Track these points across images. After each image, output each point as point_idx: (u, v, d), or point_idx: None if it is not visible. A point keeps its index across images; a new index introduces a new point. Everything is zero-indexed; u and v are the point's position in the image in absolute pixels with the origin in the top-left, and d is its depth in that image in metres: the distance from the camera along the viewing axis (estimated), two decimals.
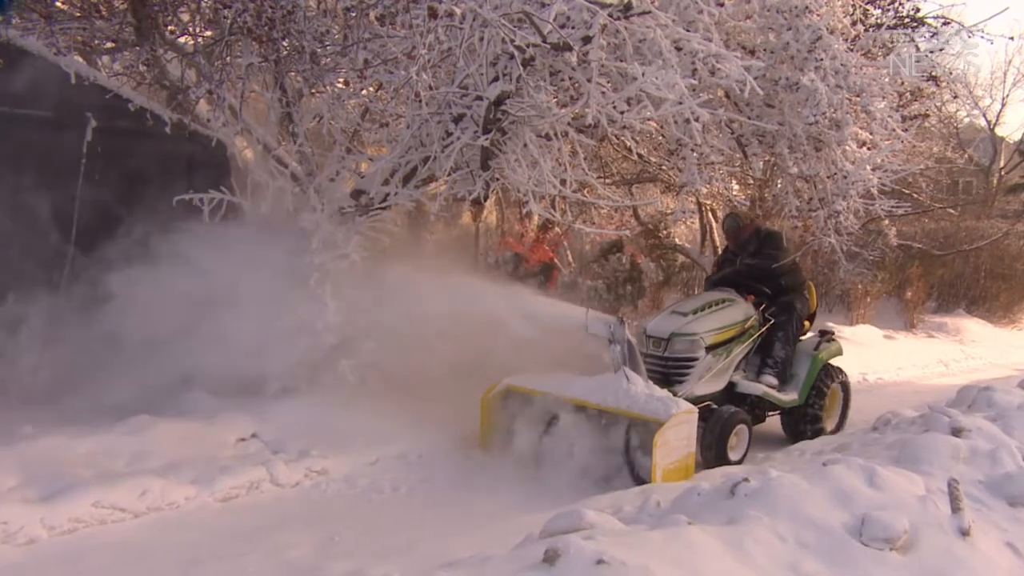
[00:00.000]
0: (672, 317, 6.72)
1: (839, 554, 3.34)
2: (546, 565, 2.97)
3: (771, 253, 7.28)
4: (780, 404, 7.08)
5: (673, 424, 5.57)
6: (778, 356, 7.08)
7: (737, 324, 6.83)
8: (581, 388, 6.02)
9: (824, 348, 7.48)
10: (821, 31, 6.56)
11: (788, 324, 7.15)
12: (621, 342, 6.03)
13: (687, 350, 6.49)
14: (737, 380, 6.83)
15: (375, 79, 6.38)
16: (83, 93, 6.76)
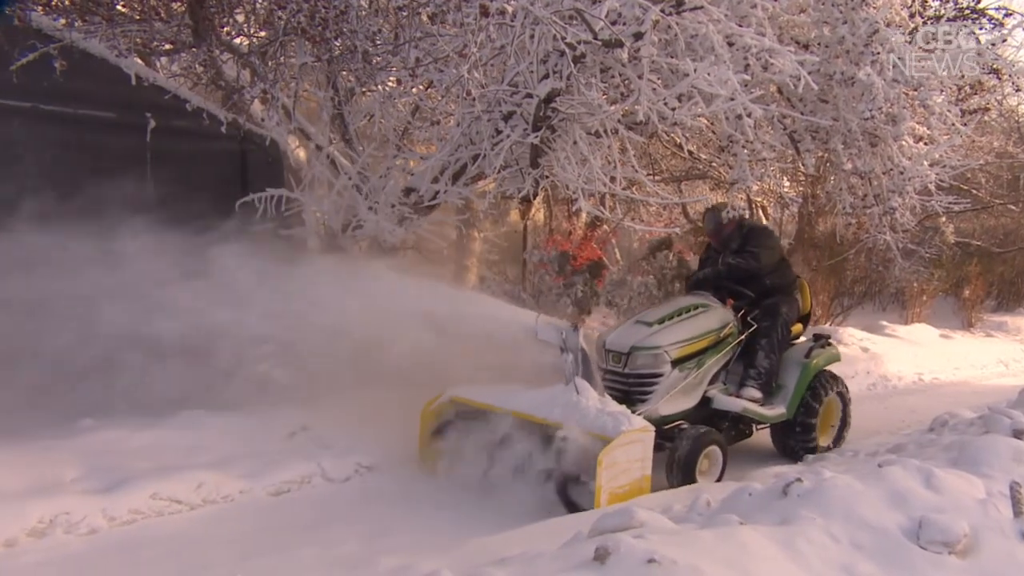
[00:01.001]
0: (635, 328, 6.02)
1: (895, 557, 3.27)
2: (596, 563, 2.97)
3: (754, 251, 6.52)
4: (764, 420, 6.35)
5: (623, 443, 4.95)
6: (761, 366, 6.30)
7: (711, 333, 6.11)
8: (528, 401, 5.40)
9: (817, 355, 6.69)
10: (878, 24, 6.43)
11: (772, 330, 6.37)
12: (574, 351, 5.44)
13: (649, 365, 5.80)
14: (713, 395, 6.13)
15: (426, 77, 6.43)
16: (143, 94, 6.94)
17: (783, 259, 6.91)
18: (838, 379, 6.90)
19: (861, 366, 10.66)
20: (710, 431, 5.71)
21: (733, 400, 6.11)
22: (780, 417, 6.37)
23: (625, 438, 4.97)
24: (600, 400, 5.27)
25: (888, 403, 9.43)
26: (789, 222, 15.57)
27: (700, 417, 6.00)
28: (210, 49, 6.72)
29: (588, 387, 5.34)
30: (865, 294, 16.01)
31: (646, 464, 5.15)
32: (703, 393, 6.07)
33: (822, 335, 6.93)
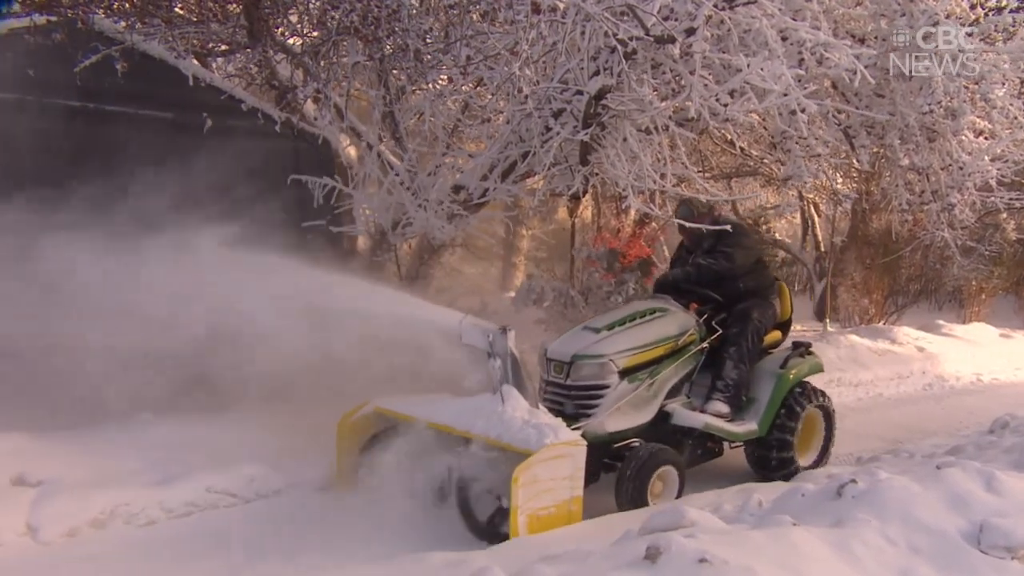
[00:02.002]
0: (580, 335, 5.49)
1: (955, 561, 3.21)
2: (647, 562, 2.96)
3: (727, 251, 5.92)
4: (731, 437, 5.73)
5: (546, 457, 4.37)
6: (729, 377, 5.71)
7: (667, 340, 5.52)
8: (451, 411, 4.88)
9: (794, 365, 6.02)
10: (938, 16, 6.28)
11: (741, 337, 5.76)
12: (502, 356, 4.88)
13: (593, 376, 5.24)
14: (673, 409, 5.53)
15: (476, 75, 6.46)
16: (199, 94, 7.09)
17: (760, 260, 6.37)
18: (820, 392, 6.24)
19: (916, 366, 10.47)
20: (664, 449, 5.13)
21: (694, 415, 5.52)
22: (751, 434, 5.76)
23: (548, 452, 4.37)
24: (529, 411, 4.71)
25: (945, 404, 9.24)
26: (842, 219, 15.31)
27: (658, 434, 5.43)
28: (264, 50, 6.85)
29: (516, 396, 4.77)
30: (921, 292, 15.69)
31: (576, 484, 4.52)
32: (660, 407, 5.49)
33: (802, 343, 6.28)
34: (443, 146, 7.13)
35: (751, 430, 5.75)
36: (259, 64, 7.04)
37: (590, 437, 4.90)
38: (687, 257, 6.26)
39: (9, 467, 4.98)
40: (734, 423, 5.70)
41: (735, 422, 5.72)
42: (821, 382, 9.17)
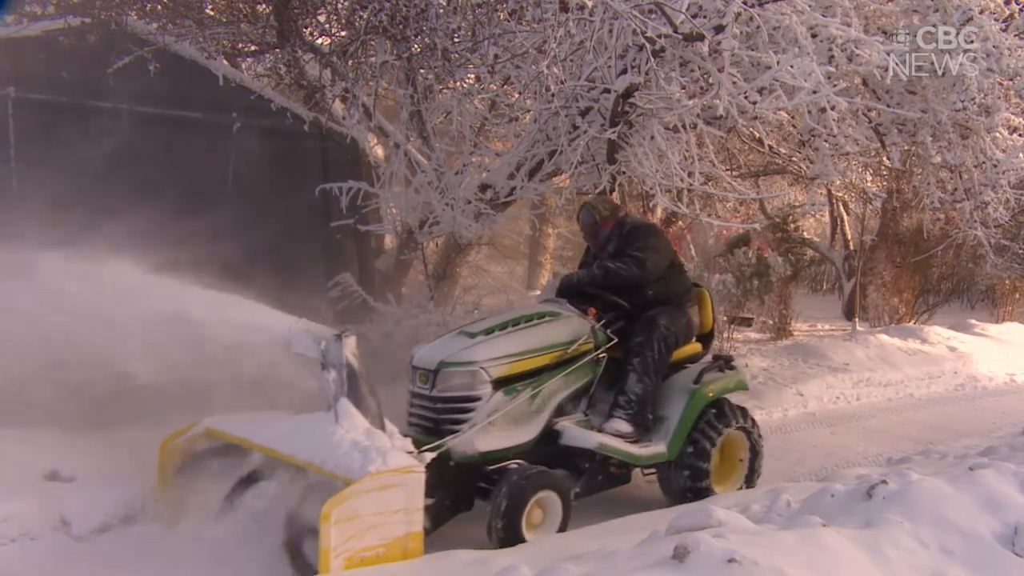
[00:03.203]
0: (453, 340, 4.85)
1: (989, 565, 3.16)
2: (675, 562, 2.95)
3: (636, 255, 5.24)
4: (631, 460, 5.00)
5: (369, 488, 3.68)
6: (632, 392, 5.04)
7: (555, 348, 4.86)
8: (280, 432, 4.21)
9: (710, 380, 5.32)
10: (972, 12, 6.20)
11: (646, 348, 5.08)
12: (337, 366, 4.17)
13: (462, 386, 4.59)
14: (563, 427, 4.87)
15: (503, 74, 6.48)
16: (229, 94, 7.17)
17: (675, 264, 5.63)
18: (743, 412, 5.52)
19: (948, 366, 10.35)
20: (543, 472, 4.46)
21: (587, 434, 4.86)
22: (657, 457, 5.07)
23: (372, 482, 3.69)
24: (367, 431, 4.04)
25: (977, 404, 9.12)
26: (872, 217, 15.16)
27: (546, 455, 4.80)
28: (293, 50, 6.91)
29: (353, 414, 4.09)
30: (952, 291, 15.51)
31: (414, 517, 3.86)
32: (547, 424, 4.84)
33: (723, 357, 5.63)
34: (470, 145, 7.16)
35: (657, 453, 5.06)
36: (288, 64, 7.10)
37: (458, 457, 4.41)
38: (592, 261, 5.62)
39: None
40: (638, 444, 5.00)
41: (639, 443, 5.02)
42: (847, 384, 9.25)
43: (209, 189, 7.33)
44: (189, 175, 7.07)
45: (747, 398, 8.30)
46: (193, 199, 7.11)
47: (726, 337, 9.87)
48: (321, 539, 3.55)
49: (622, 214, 5.54)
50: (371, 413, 4.15)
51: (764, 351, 10.11)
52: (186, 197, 7.03)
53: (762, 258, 10.43)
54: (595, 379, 5.09)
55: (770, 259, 10.52)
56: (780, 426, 7.75)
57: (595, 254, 5.59)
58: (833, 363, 9.61)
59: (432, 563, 3.86)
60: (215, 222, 7.30)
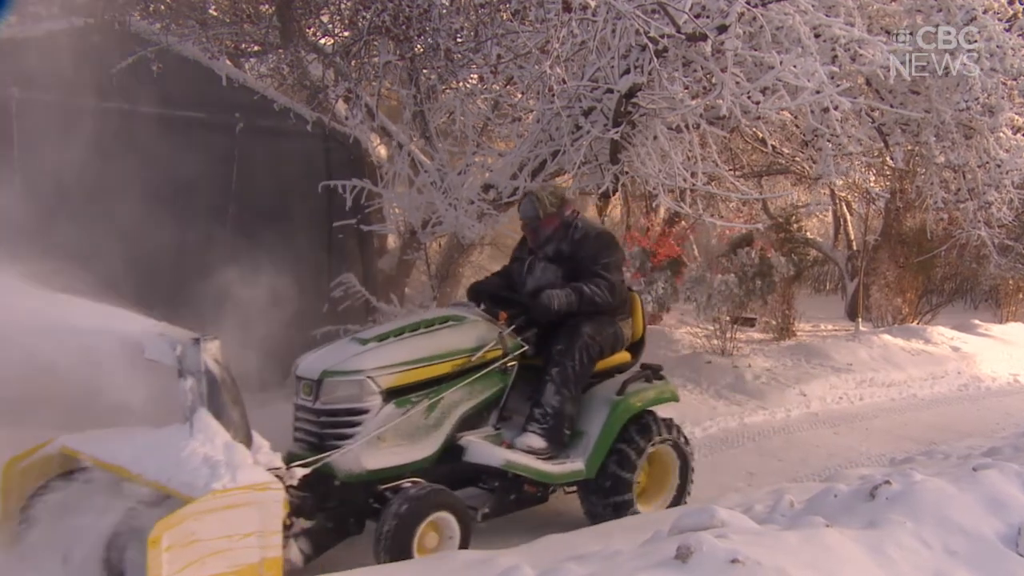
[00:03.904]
0: (343, 347, 4.45)
1: (992, 565, 3.16)
2: (678, 562, 2.95)
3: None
4: (544, 479, 4.59)
5: (210, 508, 3.20)
6: (548, 405, 4.63)
7: (456, 355, 4.46)
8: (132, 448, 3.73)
9: (635, 391, 4.94)
10: (975, 11, 6.19)
11: (567, 357, 4.67)
12: (195, 373, 3.72)
13: (347, 397, 4.20)
14: (467, 442, 4.47)
15: (506, 74, 6.48)
16: (232, 95, 7.18)
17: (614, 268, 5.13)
18: (671, 425, 5.14)
19: (951, 366, 10.35)
20: (438, 491, 4.09)
21: (492, 450, 4.47)
22: (574, 475, 4.68)
23: (214, 501, 3.21)
24: (226, 445, 3.58)
25: (981, 405, 9.12)
26: (875, 217, 15.15)
27: (451, 472, 4.48)
28: (296, 50, 6.92)
29: (211, 425, 3.66)
30: (956, 292, 15.49)
31: (269, 541, 3.41)
32: (449, 439, 4.45)
33: (651, 366, 5.24)
34: (473, 145, 7.16)
35: (574, 471, 4.66)
36: (291, 64, 7.11)
37: (343, 475, 4.08)
38: (526, 259, 5.13)
39: None
40: (552, 461, 4.62)
41: (555, 460, 4.64)
42: (850, 384, 9.24)
43: (211, 189, 7.33)
44: (191, 175, 7.07)
45: (750, 399, 8.35)
46: (195, 199, 7.12)
47: (729, 337, 9.86)
48: (149, 568, 3.00)
49: (569, 212, 5.05)
50: (234, 425, 3.71)
51: (767, 351, 10.11)
52: (187, 197, 7.04)
53: (765, 258, 10.41)
54: (506, 389, 4.68)
55: (773, 259, 10.49)
56: (783, 426, 7.75)
57: (532, 247, 5.11)
58: (836, 363, 9.62)
59: (433, 563, 3.87)
60: (217, 222, 7.32)
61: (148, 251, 6.76)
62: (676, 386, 5.33)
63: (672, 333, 11.09)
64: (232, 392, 3.79)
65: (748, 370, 9.01)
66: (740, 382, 8.71)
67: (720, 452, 6.82)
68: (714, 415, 7.72)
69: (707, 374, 8.88)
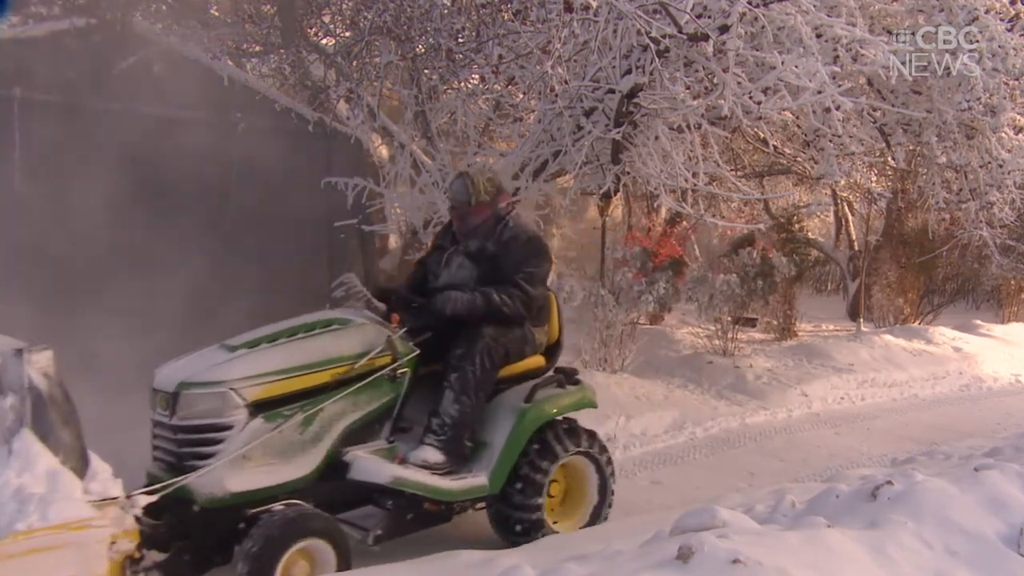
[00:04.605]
0: (208, 354, 3.96)
1: (994, 565, 3.15)
2: (679, 562, 2.94)
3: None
4: (440, 496, 4.12)
5: (10, 553, 2.77)
6: (446, 415, 4.17)
7: (338, 362, 3.99)
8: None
9: (545, 398, 4.46)
10: (977, 11, 6.19)
11: (466, 362, 4.21)
12: (16, 390, 3.26)
13: (206, 412, 3.72)
14: (354, 458, 3.99)
15: (508, 74, 6.48)
16: (233, 95, 7.19)
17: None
18: (588, 434, 4.66)
19: (953, 366, 10.34)
20: (309, 515, 3.67)
21: (379, 467, 4.00)
22: (476, 491, 4.23)
23: (14, 546, 2.77)
24: (49, 472, 3.11)
25: (982, 405, 9.10)
26: (876, 217, 15.15)
27: (335, 492, 4.09)
28: (298, 50, 6.93)
29: (35, 449, 3.17)
30: (957, 292, 15.48)
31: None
32: (331, 455, 3.96)
33: (565, 370, 4.77)
34: (474, 145, 7.16)
35: (476, 486, 4.21)
36: (292, 64, 7.12)
37: (203, 500, 3.61)
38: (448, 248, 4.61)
39: None
40: (452, 476, 4.17)
41: (454, 475, 4.19)
42: (851, 384, 9.24)
43: (213, 189, 7.35)
44: (192, 175, 7.08)
45: (751, 399, 8.34)
46: (196, 200, 7.13)
47: (730, 337, 9.86)
48: None
49: (503, 205, 4.55)
50: (64, 448, 3.23)
51: (768, 351, 10.11)
52: (189, 198, 7.05)
53: (766, 258, 10.41)
54: (398, 399, 4.21)
55: (774, 259, 10.49)
56: (784, 427, 7.74)
57: (457, 235, 4.61)
58: (837, 363, 9.61)
59: (434, 563, 3.86)
60: (219, 222, 7.33)
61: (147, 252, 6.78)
62: (594, 391, 4.79)
63: (673, 333, 11.10)
64: (63, 410, 3.28)
65: (749, 370, 9.01)
66: (741, 382, 8.71)
67: (721, 452, 6.82)
68: (715, 415, 7.71)
69: (708, 374, 8.88)
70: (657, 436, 7.01)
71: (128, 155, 6.63)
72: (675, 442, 6.96)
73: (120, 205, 6.31)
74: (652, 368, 8.91)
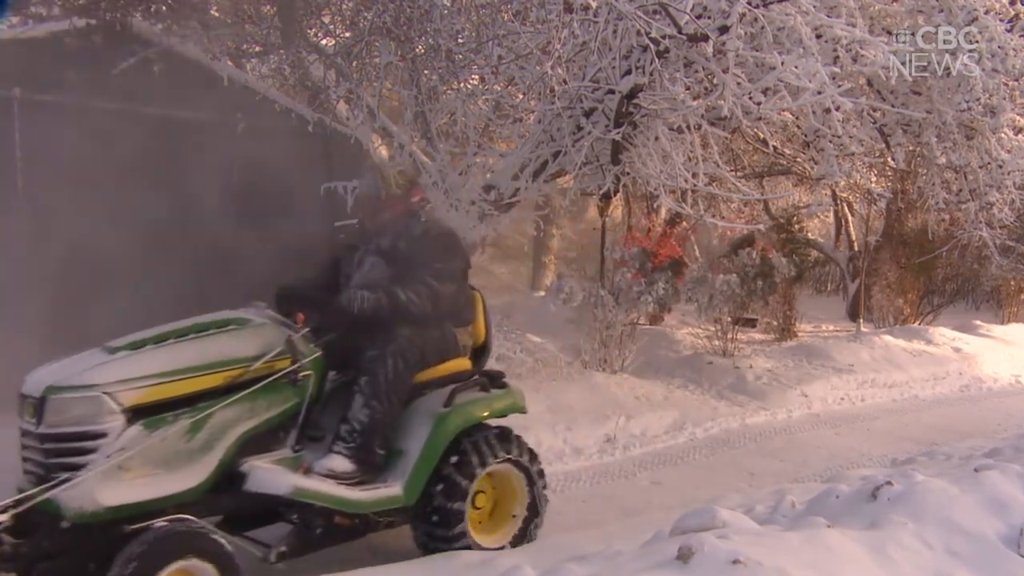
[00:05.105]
0: (87, 356, 3.64)
1: (994, 566, 3.16)
2: (679, 563, 2.95)
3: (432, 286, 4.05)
4: (348, 509, 3.83)
5: None
6: (356, 420, 3.89)
7: (233, 364, 3.66)
8: None
9: (466, 403, 4.17)
10: (977, 12, 6.19)
11: (378, 365, 3.94)
12: None
13: (78, 418, 3.38)
14: (251, 468, 3.65)
15: (507, 75, 6.49)
16: (233, 95, 7.19)
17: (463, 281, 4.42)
18: (516, 441, 4.33)
19: (953, 367, 10.34)
20: (186, 533, 3.32)
21: (279, 477, 3.68)
22: (389, 502, 3.91)
23: None
24: None
25: (982, 405, 9.11)
26: (876, 218, 15.15)
27: (232, 505, 3.75)
28: (298, 51, 6.93)
29: None
30: (957, 292, 15.48)
31: None
32: (227, 464, 3.61)
33: (491, 373, 4.50)
34: (474, 146, 7.16)
35: (388, 497, 3.91)
36: (292, 65, 7.12)
37: (73, 516, 3.26)
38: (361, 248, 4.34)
39: None
40: (363, 487, 3.88)
41: (365, 485, 3.90)
42: (851, 385, 9.23)
43: (213, 190, 7.34)
44: (192, 176, 7.08)
45: (751, 399, 8.34)
46: (196, 200, 7.13)
47: (730, 338, 9.86)
48: None
49: (417, 199, 4.30)
50: None
51: (768, 352, 10.11)
52: (189, 198, 7.05)
53: (766, 259, 10.41)
54: (303, 404, 3.89)
55: (774, 260, 10.49)
56: (784, 427, 7.74)
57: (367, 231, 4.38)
58: (838, 364, 9.61)
59: (436, 564, 3.87)
60: (218, 223, 7.33)
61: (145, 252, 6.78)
62: (522, 395, 4.49)
63: (673, 334, 11.09)
64: None
65: (749, 371, 9.01)
66: (741, 383, 8.71)
67: (721, 453, 6.82)
68: (715, 416, 7.71)
69: (708, 375, 8.88)
70: (657, 436, 7.01)
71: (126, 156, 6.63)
72: (675, 442, 6.96)
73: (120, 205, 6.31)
74: (652, 368, 8.91)
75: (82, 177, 6.31)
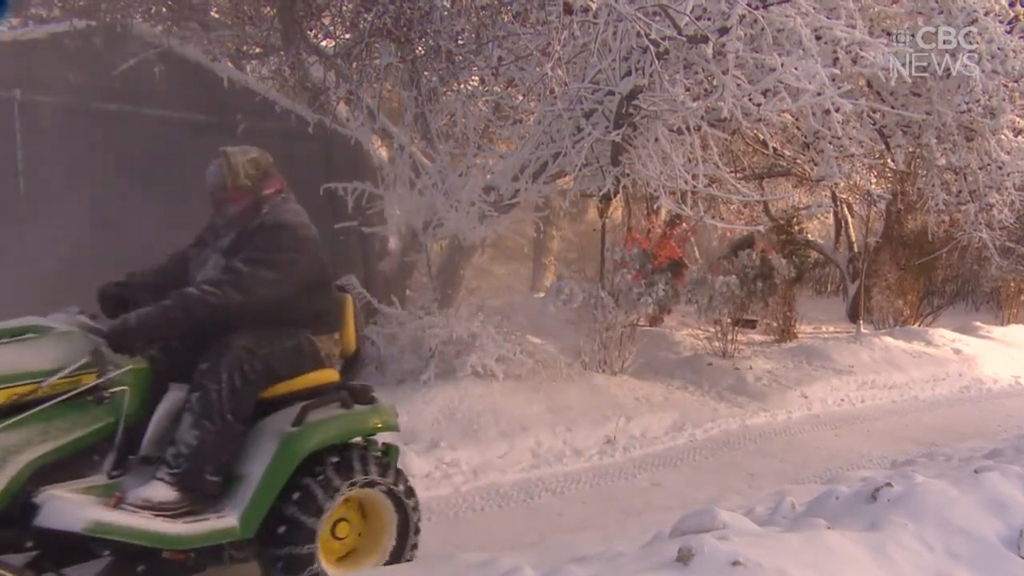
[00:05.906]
0: None
1: (994, 567, 3.15)
2: (679, 564, 2.94)
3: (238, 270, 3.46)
4: (161, 544, 3.22)
5: None
6: (183, 443, 3.36)
7: (18, 380, 3.10)
8: None
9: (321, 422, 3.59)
10: (976, 13, 6.19)
11: (211, 379, 3.40)
12: None
13: None
14: (46, 499, 3.06)
15: (507, 76, 6.49)
16: (233, 96, 7.20)
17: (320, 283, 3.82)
18: (382, 464, 3.77)
19: (953, 368, 10.33)
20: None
21: (74, 510, 3.08)
22: (220, 535, 3.35)
23: None
24: None
25: (982, 407, 9.10)
26: (876, 219, 15.16)
27: (22, 541, 3.10)
28: (298, 52, 6.93)
29: None
30: (957, 294, 15.48)
31: None
32: (11, 493, 3.04)
33: (353, 387, 3.86)
34: (474, 147, 7.17)
35: (219, 529, 3.34)
36: (292, 66, 7.12)
37: None
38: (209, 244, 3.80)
39: None
40: (189, 518, 3.32)
41: (194, 516, 3.35)
42: (851, 386, 9.23)
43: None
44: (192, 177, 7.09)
45: (751, 400, 8.34)
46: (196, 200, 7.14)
47: (730, 339, 9.86)
48: None
49: (270, 191, 3.73)
50: None
51: (768, 353, 10.10)
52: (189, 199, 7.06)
53: (766, 260, 10.40)
54: (118, 423, 3.36)
55: (774, 261, 10.48)
56: (784, 428, 7.74)
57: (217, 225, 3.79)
58: (837, 365, 9.60)
59: (437, 565, 3.86)
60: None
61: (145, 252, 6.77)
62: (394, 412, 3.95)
63: (673, 335, 11.09)
64: None
65: (749, 372, 9.00)
66: (741, 384, 8.71)
67: (721, 454, 6.81)
68: (715, 417, 7.70)
69: (708, 376, 8.88)
70: (657, 438, 7.01)
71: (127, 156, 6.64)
72: (675, 444, 6.96)
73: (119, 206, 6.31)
74: (652, 370, 8.91)
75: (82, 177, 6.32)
